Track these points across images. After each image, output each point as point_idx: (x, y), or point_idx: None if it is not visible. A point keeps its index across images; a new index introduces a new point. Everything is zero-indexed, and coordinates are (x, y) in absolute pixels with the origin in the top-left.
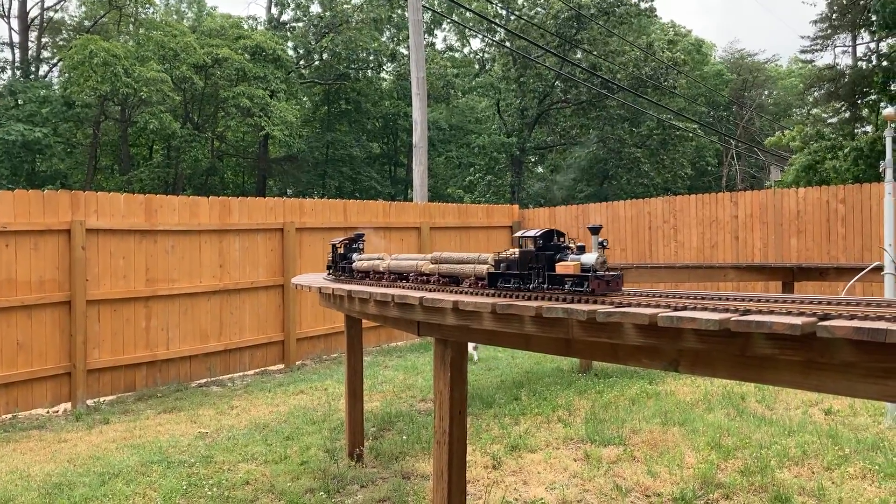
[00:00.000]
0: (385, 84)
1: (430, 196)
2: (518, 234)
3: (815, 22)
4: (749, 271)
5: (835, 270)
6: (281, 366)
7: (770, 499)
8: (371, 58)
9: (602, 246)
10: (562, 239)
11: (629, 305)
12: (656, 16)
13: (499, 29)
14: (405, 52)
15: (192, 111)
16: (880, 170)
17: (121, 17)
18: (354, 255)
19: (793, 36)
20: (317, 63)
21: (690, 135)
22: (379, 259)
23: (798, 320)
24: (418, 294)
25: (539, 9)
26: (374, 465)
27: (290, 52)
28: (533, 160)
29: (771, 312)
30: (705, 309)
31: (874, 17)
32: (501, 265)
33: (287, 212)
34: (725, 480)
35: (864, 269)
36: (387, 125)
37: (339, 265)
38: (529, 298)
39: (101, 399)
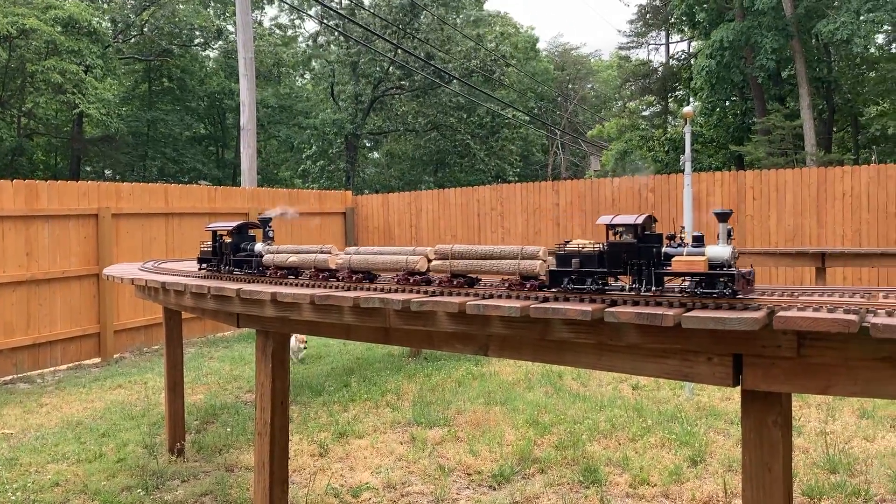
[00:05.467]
0: (211, 62)
1: (261, 180)
2: (605, 220)
3: (632, 21)
4: None
5: None
6: (97, 359)
7: (581, 470)
8: (196, 34)
9: (730, 236)
10: (655, 225)
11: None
12: (485, 9)
13: (332, 11)
14: (232, 28)
15: None
16: (680, 163)
17: None
18: (259, 246)
19: (612, 31)
20: (136, 38)
21: (520, 123)
22: (323, 253)
23: (588, 307)
24: (235, 286)
25: None
26: (197, 458)
27: (107, 26)
28: (368, 145)
29: (566, 300)
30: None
31: (673, 18)
32: (572, 260)
33: (102, 196)
34: (541, 455)
35: None
36: (213, 105)
37: (231, 258)
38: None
39: None
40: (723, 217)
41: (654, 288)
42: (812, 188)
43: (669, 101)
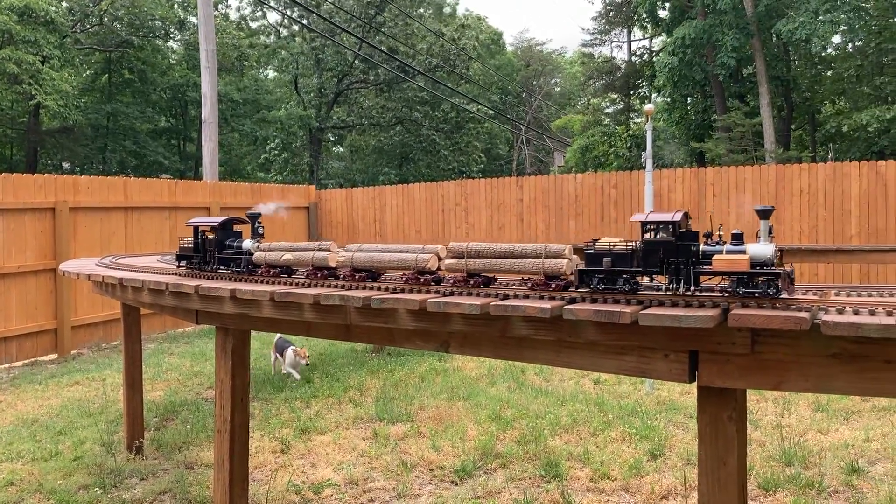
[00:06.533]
0: (174, 54)
1: (225, 173)
2: (639, 217)
3: (595, 18)
4: None
5: None
6: (54, 356)
7: (542, 465)
8: (158, 24)
9: (770, 233)
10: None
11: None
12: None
13: (295, 2)
14: (195, 20)
15: None
16: (642, 160)
17: None
18: (248, 243)
19: (577, 28)
20: (95, 28)
21: (483, 118)
22: (322, 250)
23: (547, 304)
24: (193, 282)
25: None
26: (156, 456)
27: (65, 15)
28: (333, 139)
29: (526, 297)
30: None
31: (636, 15)
32: (603, 259)
33: (59, 190)
34: (503, 450)
35: None
36: (175, 97)
37: (216, 255)
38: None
39: None
40: (764, 214)
41: (692, 288)
42: (771, 185)
43: (632, 97)
